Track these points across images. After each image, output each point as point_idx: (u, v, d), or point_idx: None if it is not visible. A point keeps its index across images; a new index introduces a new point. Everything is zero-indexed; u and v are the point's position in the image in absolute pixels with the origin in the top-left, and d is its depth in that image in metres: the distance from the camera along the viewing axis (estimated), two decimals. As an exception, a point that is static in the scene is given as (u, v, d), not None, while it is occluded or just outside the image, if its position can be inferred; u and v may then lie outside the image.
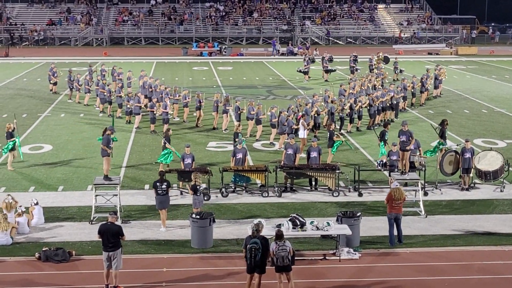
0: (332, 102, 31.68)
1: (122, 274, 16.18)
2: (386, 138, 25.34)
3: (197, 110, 33.28)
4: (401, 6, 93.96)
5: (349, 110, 31.60)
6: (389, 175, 22.80)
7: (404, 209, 19.31)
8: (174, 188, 23.03)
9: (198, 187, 19.56)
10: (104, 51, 70.84)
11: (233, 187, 23.24)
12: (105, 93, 36.12)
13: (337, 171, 22.77)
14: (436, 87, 41.69)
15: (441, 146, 24.85)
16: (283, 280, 15.35)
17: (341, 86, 35.82)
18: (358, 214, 18.57)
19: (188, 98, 34.26)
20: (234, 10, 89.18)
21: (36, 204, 20.25)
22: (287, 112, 29.04)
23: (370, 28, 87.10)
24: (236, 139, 24.63)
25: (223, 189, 22.73)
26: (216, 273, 16.80)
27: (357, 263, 17.38)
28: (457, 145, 25.65)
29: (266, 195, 22.62)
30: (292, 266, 15.27)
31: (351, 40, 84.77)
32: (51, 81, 43.36)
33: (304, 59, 51.20)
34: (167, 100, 32.76)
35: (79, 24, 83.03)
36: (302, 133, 27.97)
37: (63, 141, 30.32)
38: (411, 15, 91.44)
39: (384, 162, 23.42)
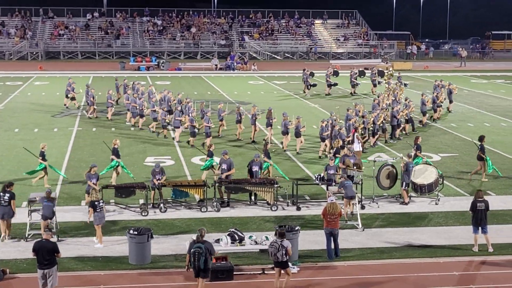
0: (363, 117, 31.80)
1: (58, 292, 15.88)
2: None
3: (238, 123, 33.52)
4: (338, 22, 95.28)
5: (373, 125, 31.97)
6: (327, 189, 23.00)
7: (341, 222, 19.48)
8: (111, 204, 22.73)
9: (96, 203, 19.36)
10: (40, 65, 69.78)
11: (171, 202, 23.09)
12: (137, 107, 35.99)
13: (275, 185, 22.86)
14: (451, 101, 43.12)
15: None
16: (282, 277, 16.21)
17: (374, 101, 36.18)
18: (296, 228, 18.65)
19: (224, 112, 34.16)
20: (172, 24, 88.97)
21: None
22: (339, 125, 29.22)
23: (308, 43, 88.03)
24: (335, 155, 25.74)
25: (161, 205, 22.55)
26: (154, 289, 16.65)
27: (295, 276, 17.42)
28: (394, 159, 26.03)
29: (205, 210, 22.55)
30: (232, 281, 15.23)
31: (288, 55, 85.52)
32: (68, 96, 42.67)
33: (304, 74, 51.28)
34: (192, 114, 32.99)
35: (13, 38, 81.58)
36: (357, 146, 28.29)
37: (-4, 157, 29.68)
38: (348, 31, 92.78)
39: (322, 176, 23.61)
